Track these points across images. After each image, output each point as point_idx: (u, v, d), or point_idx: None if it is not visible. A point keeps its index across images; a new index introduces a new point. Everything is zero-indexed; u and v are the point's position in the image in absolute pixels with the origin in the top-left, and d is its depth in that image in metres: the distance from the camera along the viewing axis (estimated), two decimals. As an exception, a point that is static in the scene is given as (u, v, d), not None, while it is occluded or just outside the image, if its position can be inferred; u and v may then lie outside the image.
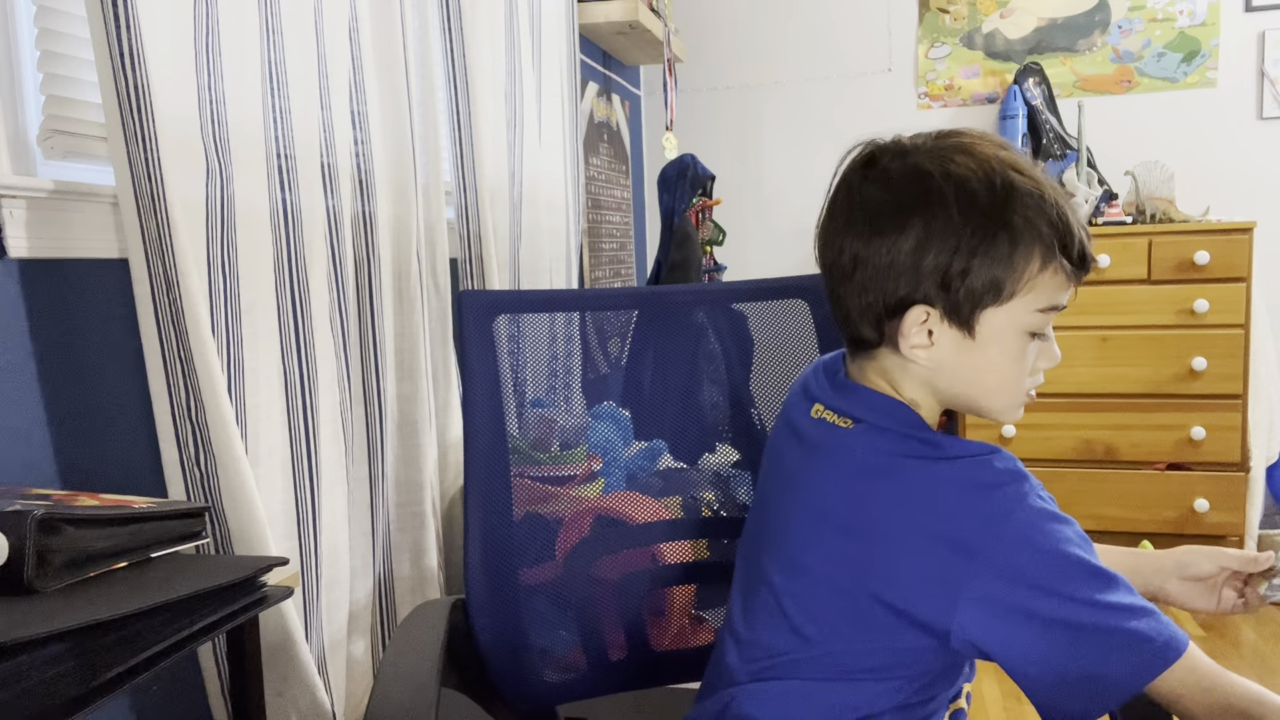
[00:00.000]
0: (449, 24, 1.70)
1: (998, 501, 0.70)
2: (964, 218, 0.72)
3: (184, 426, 1.07)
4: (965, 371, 0.76)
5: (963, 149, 0.75)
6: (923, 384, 0.79)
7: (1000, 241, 0.72)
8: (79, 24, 1.04)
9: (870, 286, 0.75)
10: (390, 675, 0.85)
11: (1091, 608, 0.67)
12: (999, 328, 0.74)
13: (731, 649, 0.84)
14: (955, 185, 0.72)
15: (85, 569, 0.79)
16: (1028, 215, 0.72)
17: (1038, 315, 0.74)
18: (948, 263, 0.72)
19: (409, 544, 1.56)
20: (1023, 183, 0.73)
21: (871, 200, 0.76)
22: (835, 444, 0.79)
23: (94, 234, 1.05)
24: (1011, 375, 0.76)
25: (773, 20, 3.19)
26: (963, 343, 0.75)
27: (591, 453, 1.13)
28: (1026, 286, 0.73)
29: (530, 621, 1.04)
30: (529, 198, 2.02)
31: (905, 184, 0.74)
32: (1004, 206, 0.72)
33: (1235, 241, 2.45)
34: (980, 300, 0.73)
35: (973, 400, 0.79)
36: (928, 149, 0.76)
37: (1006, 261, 0.72)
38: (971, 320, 0.74)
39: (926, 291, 0.73)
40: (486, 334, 1.04)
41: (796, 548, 0.78)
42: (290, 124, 1.25)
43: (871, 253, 0.75)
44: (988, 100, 3.04)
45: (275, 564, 0.93)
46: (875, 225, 0.75)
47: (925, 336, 0.75)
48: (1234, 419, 2.49)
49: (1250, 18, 2.82)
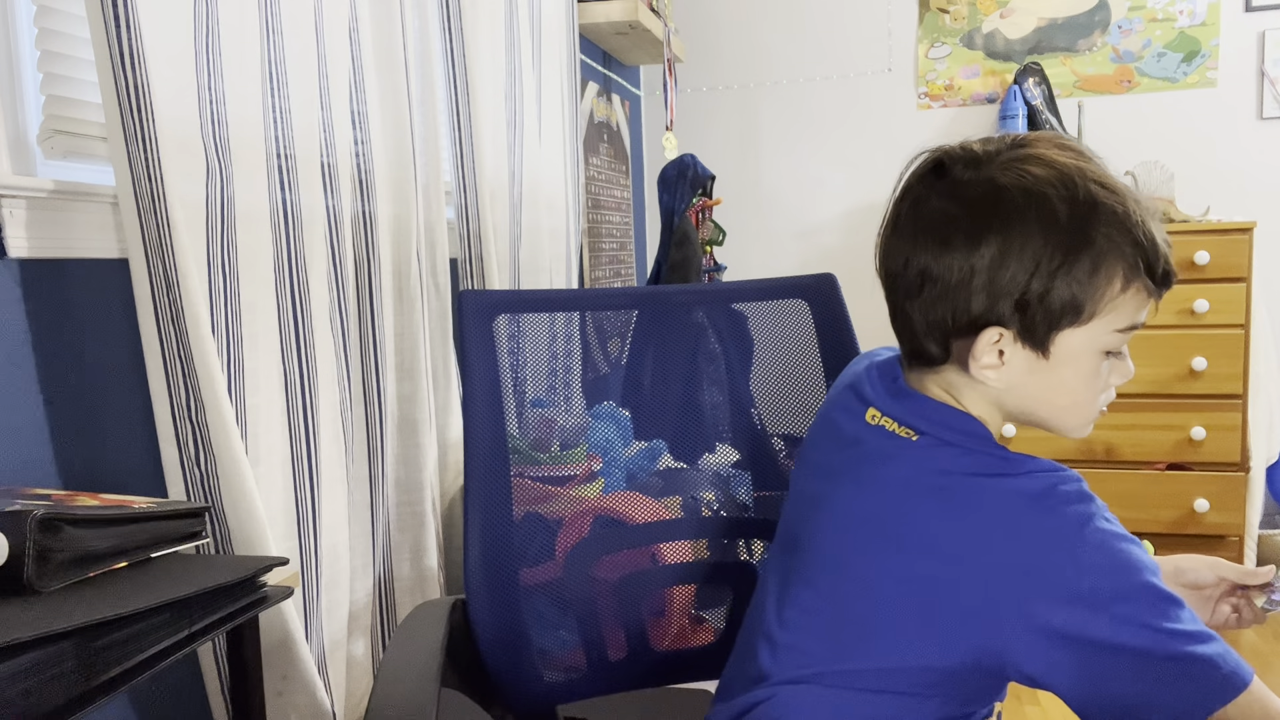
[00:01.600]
0: (449, 24, 1.70)
1: (1067, 521, 0.68)
2: (1044, 236, 0.68)
3: (184, 426, 1.07)
4: (1037, 391, 0.73)
5: (1040, 160, 0.71)
6: (989, 401, 0.76)
7: (1082, 262, 0.68)
8: (79, 24, 1.04)
9: (939, 303, 0.72)
10: (390, 675, 0.85)
11: (1161, 634, 0.64)
12: (1075, 348, 0.71)
13: (765, 650, 0.80)
14: (1035, 201, 0.69)
15: (85, 569, 0.79)
16: (1111, 234, 0.68)
17: (1116, 335, 0.71)
18: (1026, 283, 0.69)
19: (409, 544, 1.56)
20: (1106, 198, 0.69)
21: (942, 213, 0.72)
22: (898, 455, 0.75)
23: (94, 234, 1.05)
24: (1085, 395, 0.74)
25: (773, 20, 3.19)
26: (1036, 363, 0.72)
27: (591, 453, 1.13)
28: (1108, 307, 0.70)
29: (530, 621, 1.04)
30: (529, 198, 2.02)
31: (980, 198, 0.71)
32: (1087, 224, 0.68)
33: (1235, 241, 2.45)
34: (1058, 322, 0.70)
35: (1041, 419, 0.76)
36: (1002, 160, 0.72)
37: (1088, 282, 0.68)
38: (1047, 341, 0.71)
39: (1001, 312, 0.70)
40: (486, 334, 1.04)
41: (847, 556, 0.75)
42: (290, 124, 1.25)
43: (942, 269, 0.71)
44: (988, 100, 3.04)
45: (275, 564, 0.93)
46: (947, 240, 0.71)
47: (996, 356, 0.72)
48: (1234, 419, 2.49)
49: (1250, 18, 2.82)
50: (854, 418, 0.80)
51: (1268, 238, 2.71)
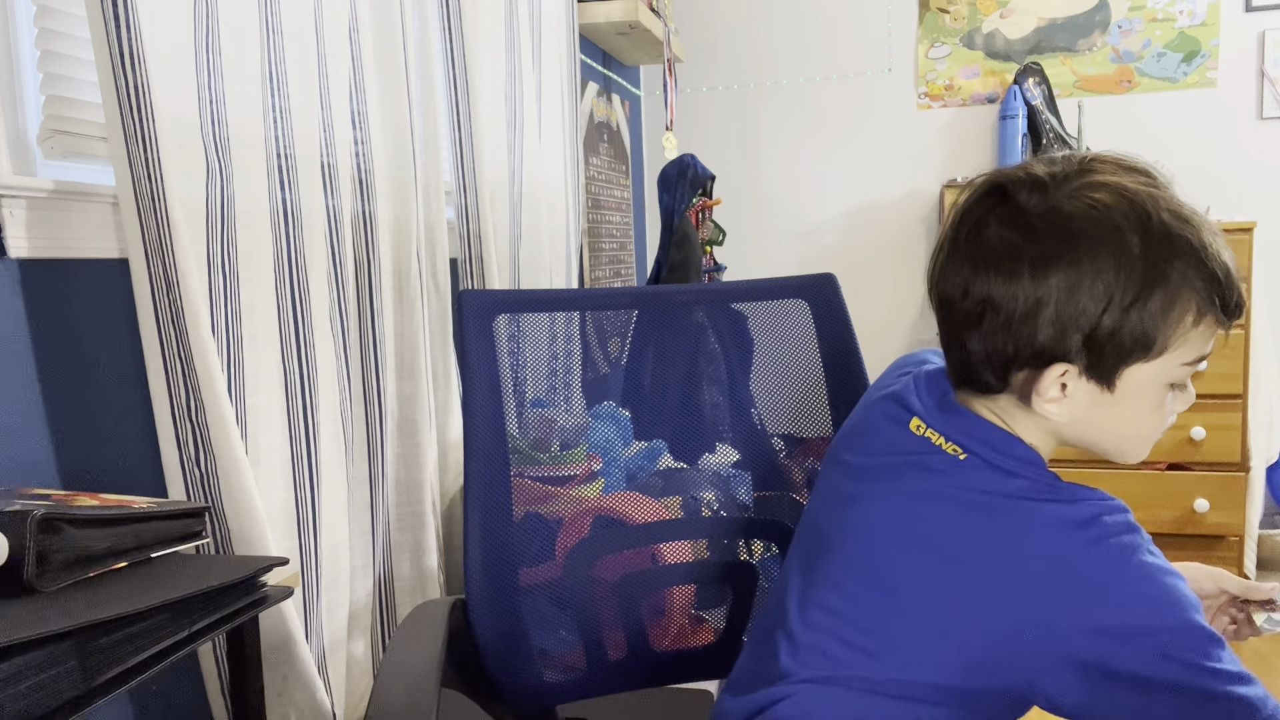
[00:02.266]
0: (449, 24, 1.70)
1: (1113, 551, 0.66)
2: (1117, 270, 0.65)
3: (184, 426, 1.07)
4: (1100, 424, 0.72)
5: (1109, 187, 0.68)
6: (1044, 430, 0.74)
7: (1156, 297, 0.66)
8: (79, 24, 1.04)
9: (1000, 334, 0.69)
10: (390, 675, 0.85)
11: (1203, 673, 0.63)
12: (1142, 383, 0.69)
13: (785, 647, 0.78)
14: (1107, 232, 0.66)
15: (85, 569, 0.79)
16: (1186, 269, 0.66)
17: (1184, 369, 0.69)
18: (1097, 318, 0.66)
19: (409, 544, 1.56)
20: (1180, 229, 0.67)
21: (1006, 241, 0.69)
22: (942, 471, 0.73)
23: (94, 234, 1.05)
24: (1149, 428, 0.72)
25: (773, 20, 3.19)
26: (1100, 397, 0.70)
27: (591, 453, 1.13)
28: (1179, 342, 0.67)
29: (530, 621, 1.04)
30: (529, 198, 2.02)
31: (1048, 227, 0.68)
32: (1161, 258, 0.66)
33: (1235, 241, 2.44)
34: (1127, 357, 0.67)
35: (1102, 449, 0.75)
36: (1071, 187, 0.69)
37: (1161, 318, 0.66)
38: (1114, 376, 0.68)
39: (1069, 346, 0.67)
40: (486, 334, 1.04)
41: (878, 561, 0.74)
42: (290, 124, 1.25)
43: (1006, 299, 0.68)
44: (988, 100, 3.04)
45: (275, 564, 0.93)
46: (1013, 269, 0.68)
47: (1059, 390, 0.70)
48: (1234, 419, 2.49)
49: (1250, 18, 2.82)
50: (897, 425, 0.78)
51: (1268, 238, 2.71)
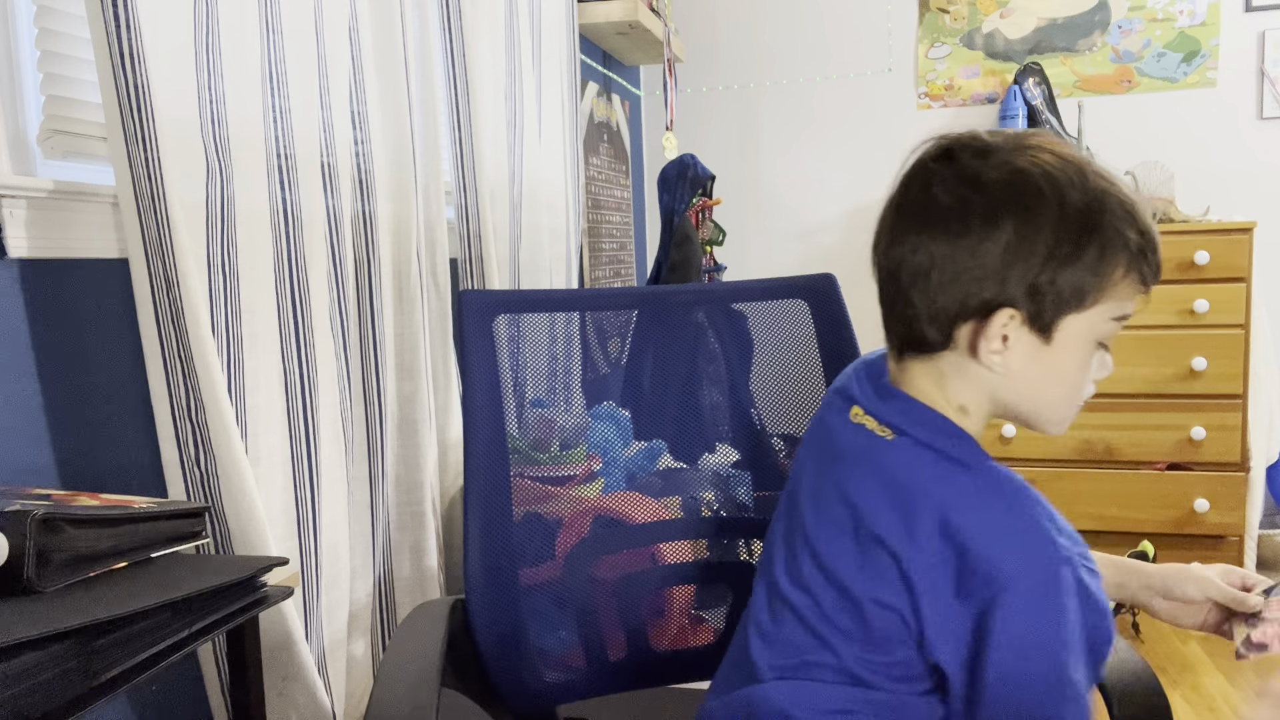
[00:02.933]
0: (449, 24, 1.70)
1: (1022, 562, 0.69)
2: (1060, 221, 0.70)
3: (184, 426, 1.07)
4: (1033, 379, 0.74)
5: (1048, 149, 0.73)
6: (981, 390, 0.76)
7: (1092, 246, 0.70)
8: (79, 24, 1.04)
9: (950, 287, 0.72)
10: (390, 675, 0.85)
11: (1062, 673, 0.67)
12: (1076, 335, 0.73)
13: (756, 644, 0.82)
14: (1051, 186, 0.70)
15: (85, 569, 0.79)
16: (1117, 223, 0.71)
17: (1111, 324, 0.73)
18: (1040, 267, 0.70)
19: (409, 544, 1.56)
20: (1111, 189, 0.72)
21: (956, 197, 0.73)
22: (874, 454, 0.77)
23: (94, 234, 1.05)
24: (1077, 384, 0.75)
25: (773, 20, 3.19)
26: (1038, 349, 0.73)
27: (591, 453, 1.13)
28: (1108, 294, 0.72)
29: (530, 621, 1.04)
30: (529, 198, 2.02)
31: (995, 182, 0.72)
32: (1096, 212, 0.70)
33: (1235, 241, 2.44)
34: (1065, 306, 0.71)
35: (1031, 409, 0.77)
36: (1012, 147, 0.73)
37: (1095, 267, 0.70)
38: (1052, 326, 0.72)
39: (1013, 295, 0.71)
40: (486, 334, 1.04)
41: (829, 555, 0.76)
42: (290, 124, 1.25)
43: (956, 253, 0.72)
44: (988, 100, 3.04)
45: (275, 564, 0.93)
46: (962, 225, 0.72)
47: (1000, 341, 0.72)
48: (1234, 419, 2.49)
49: (1250, 18, 2.82)
50: (840, 417, 0.82)
51: (1268, 238, 2.71)
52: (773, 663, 0.79)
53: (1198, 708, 2.00)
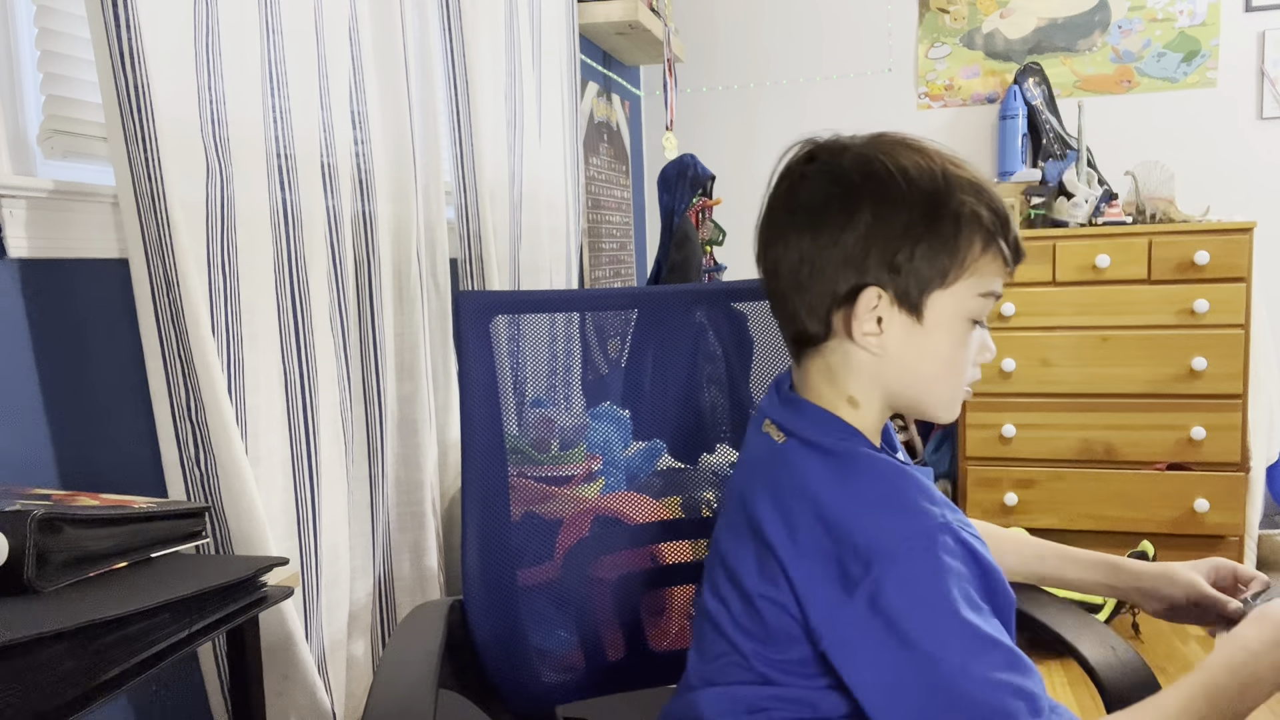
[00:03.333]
0: (449, 24, 1.70)
1: (895, 533, 0.70)
2: (911, 202, 0.74)
3: (184, 426, 1.07)
4: (912, 359, 0.76)
5: (902, 143, 0.77)
6: (868, 378, 0.78)
7: (945, 224, 0.73)
8: (79, 24, 1.04)
9: (819, 278, 0.76)
10: (388, 676, 0.85)
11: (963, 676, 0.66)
12: (945, 312, 0.75)
13: (691, 655, 0.86)
14: (900, 172, 0.74)
15: (85, 569, 0.79)
16: (968, 200, 0.74)
17: (979, 300, 0.76)
18: (896, 246, 0.74)
19: (409, 544, 1.56)
20: (960, 172, 0.76)
21: (818, 192, 0.77)
22: (769, 459, 0.80)
23: (94, 234, 1.05)
24: (955, 363, 0.77)
25: (773, 20, 3.19)
26: (912, 329, 0.76)
27: (591, 453, 1.13)
28: (970, 270, 0.74)
29: (529, 622, 1.04)
30: (529, 198, 2.02)
31: (850, 174, 0.76)
32: (947, 191, 0.74)
33: (1235, 241, 2.44)
34: (928, 283, 0.74)
35: (916, 393, 0.79)
36: (866, 142, 0.78)
37: (952, 244, 0.74)
38: (920, 304, 0.75)
39: (877, 276, 0.74)
40: (484, 335, 1.04)
41: (734, 561, 0.79)
42: (290, 124, 1.25)
43: (821, 245, 0.76)
44: (988, 100, 3.04)
45: (275, 564, 0.93)
46: (824, 217, 0.76)
47: (875, 324, 0.76)
48: (1234, 419, 2.49)
49: (1250, 18, 2.82)
50: (754, 428, 0.85)
51: (1268, 238, 2.71)
52: (700, 672, 0.82)
53: (1197, 708, 2.00)
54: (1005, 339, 2.60)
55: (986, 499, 2.66)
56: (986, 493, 2.66)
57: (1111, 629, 0.93)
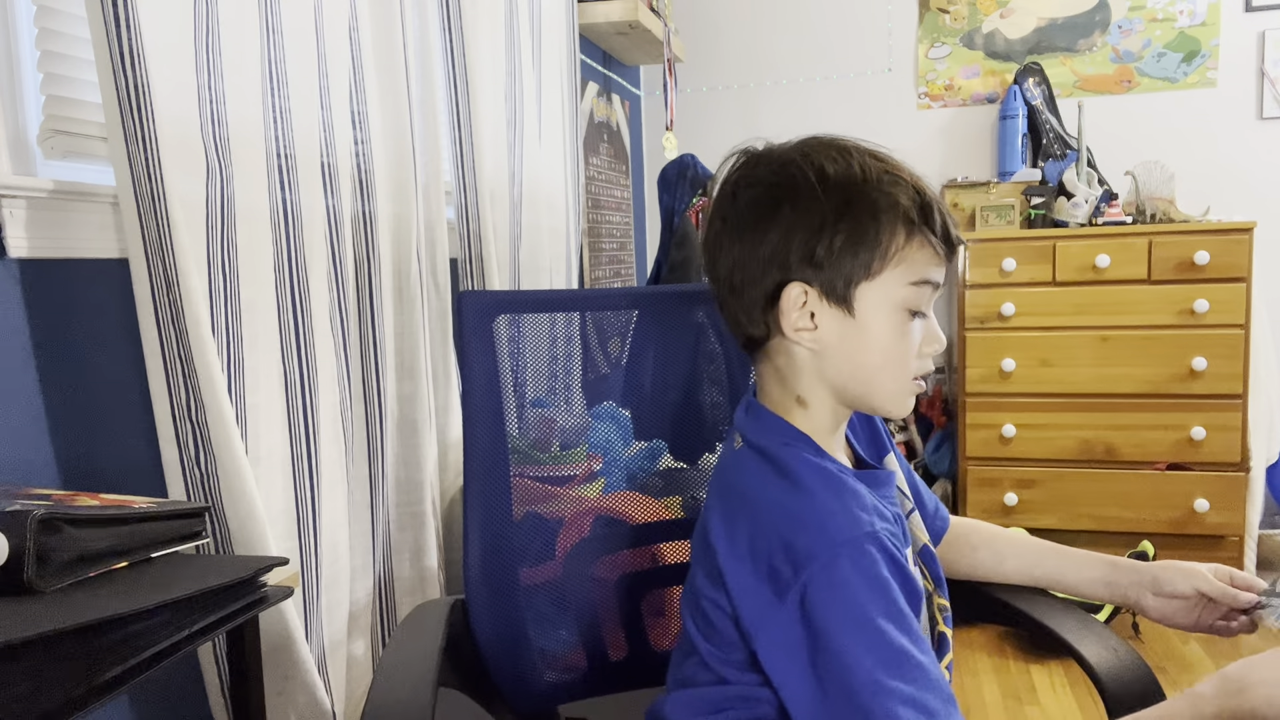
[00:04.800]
0: (449, 24, 1.70)
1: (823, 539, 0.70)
2: (826, 196, 0.75)
3: (184, 426, 1.07)
4: (850, 353, 0.77)
5: (821, 143, 0.80)
6: (812, 375, 0.79)
7: (863, 216, 0.75)
8: (79, 24, 1.04)
9: (750, 281, 0.78)
10: (388, 675, 0.85)
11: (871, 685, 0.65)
12: (875, 303, 0.76)
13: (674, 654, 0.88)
14: (816, 170, 0.76)
15: (85, 569, 0.79)
16: (885, 190, 0.75)
17: (911, 289, 0.76)
18: (815, 240, 0.75)
19: (409, 544, 1.56)
20: (876, 165, 0.77)
21: (746, 199, 0.79)
22: (725, 465, 0.83)
23: (94, 234, 1.05)
24: (895, 354, 0.77)
25: (773, 20, 3.19)
26: (845, 322, 0.76)
27: (592, 453, 1.13)
28: (895, 259, 0.75)
29: (530, 621, 1.04)
30: (529, 198, 2.02)
31: (771, 179, 0.78)
32: (863, 183, 0.76)
33: (1235, 241, 2.45)
34: (852, 275, 0.75)
35: (859, 386, 0.79)
36: (789, 146, 0.81)
37: (872, 235, 0.75)
38: (848, 297, 0.76)
39: (801, 272, 0.76)
40: (486, 334, 1.04)
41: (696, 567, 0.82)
42: (290, 124, 1.25)
43: (748, 248, 0.78)
44: (988, 100, 3.04)
45: (275, 564, 0.93)
46: (750, 222, 0.78)
47: (808, 319, 0.77)
48: (1234, 419, 2.49)
49: (1250, 18, 2.82)
50: (728, 442, 0.87)
51: (1268, 238, 2.71)
52: (674, 676, 0.85)
53: (1198, 708, 2.00)
54: (1005, 339, 2.60)
55: (986, 499, 2.66)
56: (986, 493, 2.66)
57: (1111, 629, 0.93)
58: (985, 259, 2.61)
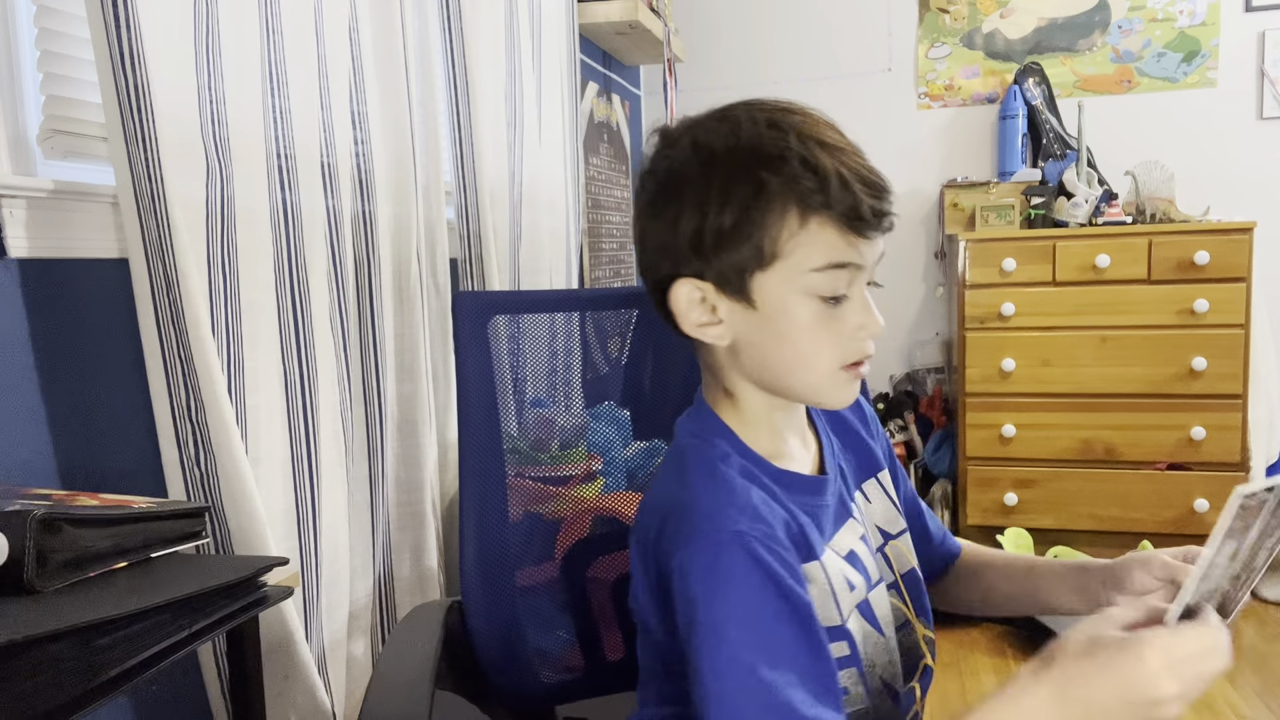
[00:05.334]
0: (449, 24, 1.70)
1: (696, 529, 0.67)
2: (708, 182, 0.68)
3: (184, 426, 1.07)
4: (760, 346, 0.71)
5: (721, 115, 0.72)
6: (731, 369, 0.74)
7: (746, 201, 0.67)
8: (79, 24, 1.04)
9: (651, 276, 0.74)
10: (385, 677, 0.85)
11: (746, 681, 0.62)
12: (775, 294, 0.69)
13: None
14: (701, 152, 0.70)
15: (85, 569, 0.79)
16: (776, 169, 0.67)
17: (818, 276, 0.68)
18: (700, 230, 0.69)
19: (409, 544, 1.56)
20: (772, 137, 0.68)
21: (645, 190, 0.74)
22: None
23: (94, 234, 1.05)
24: (809, 346, 0.70)
25: (773, 20, 3.19)
26: (748, 315, 0.70)
27: (591, 453, 1.13)
28: (790, 245, 0.67)
29: (528, 622, 1.04)
30: (529, 198, 2.02)
31: (664, 163, 0.73)
32: (748, 164, 0.68)
33: (1235, 241, 2.44)
34: (744, 267, 0.69)
35: (779, 379, 0.73)
36: (691, 122, 0.73)
37: (759, 221, 0.67)
38: (745, 289, 0.69)
39: (691, 266, 0.70)
40: (481, 335, 1.04)
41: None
42: (290, 124, 1.25)
43: (645, 241, 0.74)
44: (988, 100, 3.04)
45: (275, 564, 0.93)
46: (648, 214, 0.73)
47: (710, 314, 0.71)
48: (1234, 419, 2.49)
49: (1250, 18, 2.82)
50: None
51: (1268, 238, 2.71)
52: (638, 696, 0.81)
53: (1197, 707, 2.00)
54: (1005, 339, 2.60)
55: (986, 499, 2.66)
56: (986, 493, 2.66)
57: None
58: (985, 259, 2.61)
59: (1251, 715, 1.98)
